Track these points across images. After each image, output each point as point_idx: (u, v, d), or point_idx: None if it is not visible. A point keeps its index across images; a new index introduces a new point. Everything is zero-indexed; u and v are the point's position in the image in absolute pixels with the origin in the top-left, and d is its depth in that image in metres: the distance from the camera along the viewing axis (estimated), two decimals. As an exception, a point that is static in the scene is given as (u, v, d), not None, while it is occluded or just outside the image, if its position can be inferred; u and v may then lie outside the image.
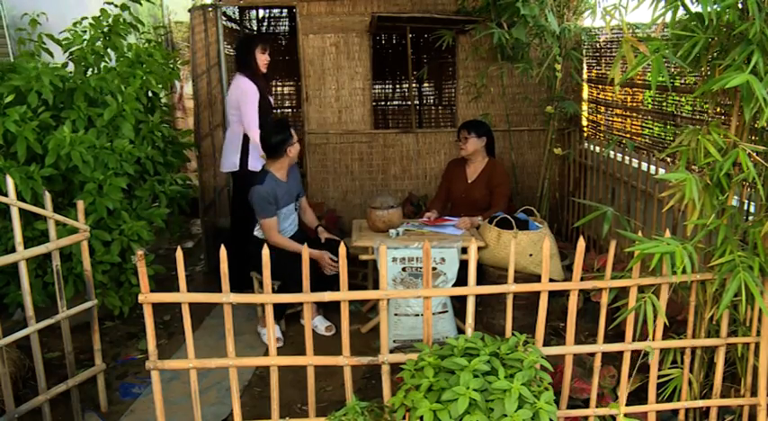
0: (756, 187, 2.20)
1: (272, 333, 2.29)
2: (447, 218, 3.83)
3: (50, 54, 3.67)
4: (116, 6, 3.98)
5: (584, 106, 4.96)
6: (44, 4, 4.24)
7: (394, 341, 3.35)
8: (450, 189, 4.14)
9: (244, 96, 3.90)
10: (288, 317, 3.76)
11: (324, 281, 3.19)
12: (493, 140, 4.07)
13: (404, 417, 2.05)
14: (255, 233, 3.61)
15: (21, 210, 2.51)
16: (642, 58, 2.05)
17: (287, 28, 6.78)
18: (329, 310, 3.85)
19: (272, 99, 4.16)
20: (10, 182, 2.49)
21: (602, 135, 4.72)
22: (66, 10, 4.33)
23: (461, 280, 2.75)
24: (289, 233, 3.66)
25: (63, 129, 3.12)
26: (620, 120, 4.44)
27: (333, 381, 3.06)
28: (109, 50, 3.80)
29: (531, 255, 3.40)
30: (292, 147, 3.52)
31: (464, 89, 4.94)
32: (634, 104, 4.22)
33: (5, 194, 2.51)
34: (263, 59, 3.92)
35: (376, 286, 3.24)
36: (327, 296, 2.25)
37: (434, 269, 3.29)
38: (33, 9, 4.00)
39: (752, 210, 2.61)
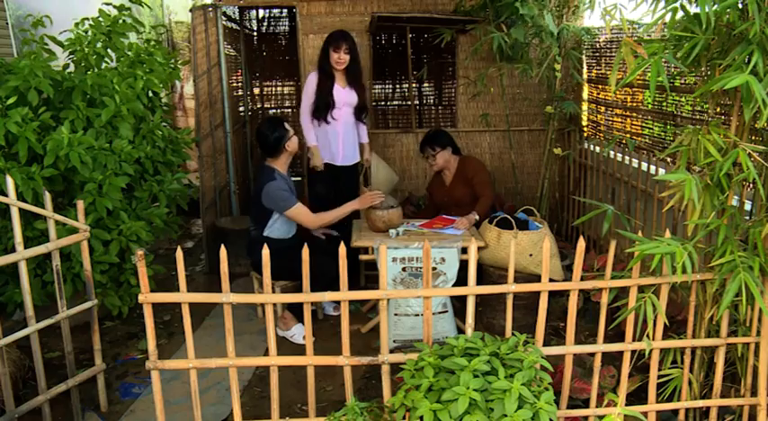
0: (756, 187, 2.20)
1: (271, 332, 2.28)
2: (447, 217, 3.83)
3: (53, 55, 3.67)
4: (115, 7, 3.98)
5: (584, 106, 4.96)
6: (49, 4, 4.24)
7: (394, 341, 3.35)
8: (433, 197, 4.23)
9: (305, 87, 4.14)
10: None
11: (325, 281, 3.18)
12: (451, 141, 4.09)
13: (404, 417, 2.05)
14: (266, 233, 3.57)
15: (21, 209, 2.51)
16: (641, 62, 2.05)
17: (287, 28, 6.78)
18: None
19: (349, 96, 4.13)
20: (10, 182, 2.49)
21: (602, 135, 4.72)
22: (70, 11, 4.32)
23: (461, 280, 2.75)
24: (291, 233, 3.67)
25: (61, 130, 3.12)
26: (620, 120, 4.44)
27: (333, 381, 3.06)
28: (109, 51, 3.80)
29: (531, 255, 3.40)
30: (290, 141, 3.59)
31: (464, 89, 4.94)
32: (634, 104, 4.22)
33: (6, 194, 2.51)
34: (334, 58, 4.02)
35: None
36: (328, 296, 2.26)
37: (434, 269, 3.29)
38: (38, 9, 3.99)
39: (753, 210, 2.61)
